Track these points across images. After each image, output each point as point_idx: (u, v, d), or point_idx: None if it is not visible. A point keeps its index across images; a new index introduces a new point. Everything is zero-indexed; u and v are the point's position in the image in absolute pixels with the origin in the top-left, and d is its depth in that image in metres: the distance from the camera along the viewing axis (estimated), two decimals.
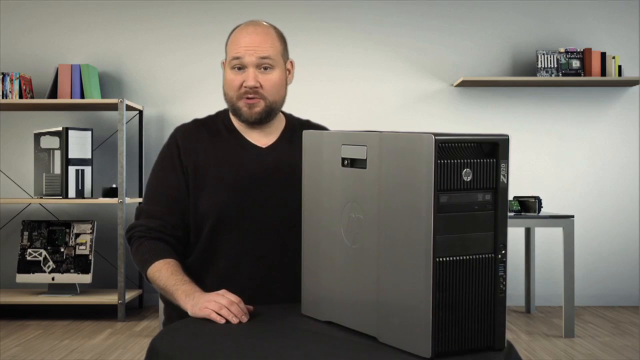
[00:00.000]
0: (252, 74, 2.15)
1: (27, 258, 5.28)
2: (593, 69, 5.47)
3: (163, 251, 2.11)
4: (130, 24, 5.73)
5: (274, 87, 2.18)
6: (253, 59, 2.15)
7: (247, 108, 2.17)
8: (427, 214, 1.46)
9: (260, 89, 2.16)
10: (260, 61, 2.15)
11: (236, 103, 2.19)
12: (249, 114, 2.18)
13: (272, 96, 2.18)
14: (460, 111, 5.70)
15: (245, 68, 2.16)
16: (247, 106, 2.17)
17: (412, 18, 5.71)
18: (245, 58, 2.15)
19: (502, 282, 1.54)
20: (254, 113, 2.18)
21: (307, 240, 1.83)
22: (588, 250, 5.69)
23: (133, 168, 5.66)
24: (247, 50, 2.15)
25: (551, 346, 4.40)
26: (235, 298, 1.86)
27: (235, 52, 2.16)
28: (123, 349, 4.31)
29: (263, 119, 2.20)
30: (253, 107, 2.17)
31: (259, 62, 2.15)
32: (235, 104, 2.19)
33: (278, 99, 2.21)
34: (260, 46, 2.16)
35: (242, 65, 2.16)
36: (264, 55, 2.15)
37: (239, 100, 2.18)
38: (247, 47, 2.15)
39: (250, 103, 2.17)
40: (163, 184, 2.19)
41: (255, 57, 2.14)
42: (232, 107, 2.21)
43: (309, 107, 5.50)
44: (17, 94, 5.36)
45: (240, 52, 2.15)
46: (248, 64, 2.15)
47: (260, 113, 2.18)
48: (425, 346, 1.47)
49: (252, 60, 2.14)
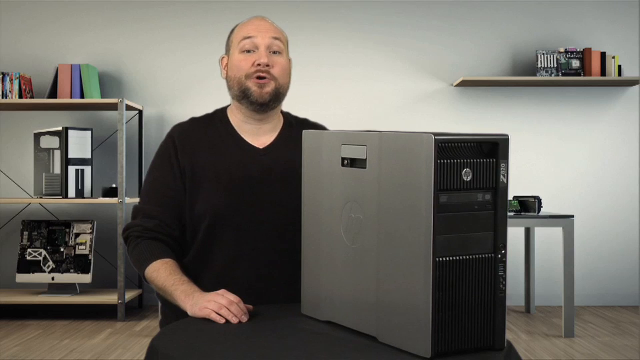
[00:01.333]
0: (264, 53, 2.14)
1: (27, 258, 5.28)
2: (593, 69, 5.47)
3: (161, 251, 2.11)
4: (130, 24, 5.73)
5: (284, 70, 2.18)
6: (266, 39, 2.15)
7: (258, 88, 2.14)
8: (427, 214, 1.46)
9: (272, 69, 2.14)
10: (272, 42, 2.15)
11: (245, 83, 2.15)
12: (260, 93, 2.14)
13: (282, 79, 2.17)
14: (460, 111, 5.70)
15: (256, 50, 2.14)
16: (258, 86, 2.14)
17: (412, 18, 5.71)
18: (258, 38, 2.14)
19: (502, 282, 1.54)
20: (265, 93, 2.15)
21: (307, 240, 1.83)
22: (588, 250, 5.69)
23: (133, 168, 5.66)
24: (259, 31, 2.15)
25: (551, 346, 4.40)
26: (235, 298, 1.86)
27: (247, 33, 2.15)
28: (123, 349, 4.31)
29: (272, 101, 2.17)
30: (264, 86, 2.14)
31: (271, 44, 2.15)
32: (244, 85, 2.15)
33: (285, 84, 2.19)
34: (272, 29, 2.17)
35: (253, 47, 2.14)
36: (276, 36, 2.16)
37: (249, 80, 2.15)
38: (259, 29, 2.16)
39: (262, 83, 2.14)
40: (160, 184, 2.18)
41: (268, 38, 2.15)
42: (240, 90, 2.17)
43: (309, 107, 5.51)
44: (17, 94, 5.36)
45: (252, 32, 2.15)
46: (260, 44, 2.14)
47: (270, 94, 2.15)
48: (425, 346, 1.47)
49: (265, 41, 2.15)
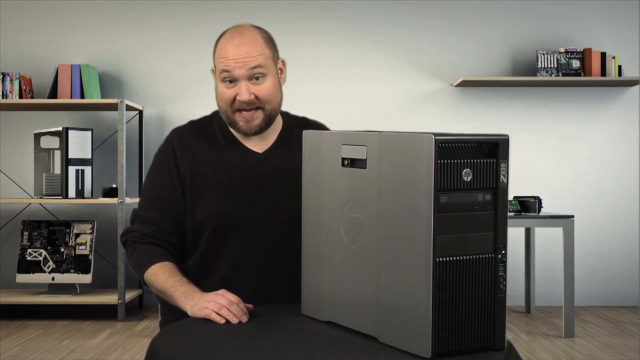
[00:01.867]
0: (244, 88, 2.08)
1: (27, 258, 5.28)
2: (593, 69, 5.46)
3: (159, 254, 2.10)
4: (130, 24, 5.72)
5: (269, 95, 2.12)
6: (243, 71, 2.07)
7: (245, 122, 2.12)
8: (427, 214, 1.46)
9: (256, 101, 2.10)
10: (251, 72, 2.08)
11: (231, 117, 2.13)
12: (248, 127, 2.13)
13: (269, 104, 2.12)
14: (460, 111, 5.69)
15: (236, 81, 2.09)
16: (244, 120, 2.12)
17: (412, 18, 5.71)
18: (236, 71, 2.07)
19: (502, 282, 1.54)
20: (253, 126, 2.13)
21: (307, 240, 1.83)
22: (588, 250, 5.69)
23: (133, 168, 5.66)
24: (236, 63, 2.07)
25: (551, 346, 4.40)
26: (235, 298, 1.86)
27: (224, 65, 2.08)
28: (123, 349, 4.31)
29: (263, 129, 2.15)
30: (251, 120, 2.12)
31: (250, 74, 2.08)
32: (230, 117, 2.13)
33: (275, 105, 2.15)
34: (249, 56, 2.07)
35: (232, 79, 2.09)
36: (254, 65, 2.07)
37: (234, 114, 2.12)
38: (236, 60, 2.07)
39: (247, 117, 2.11)
40: (159, 189, 2.17)
41: (245, 70, 2.07)
42: (228, 120, 2.15)
43: (309, 107, 5.50)
44: (17, 94, 5.36)
45: (229, 65, 2.07)
46: (239, 76, 2.07)
47: (259, 125, 2.13)
48: (425, 346, 1.47)
49: (242, 72, 2.07)
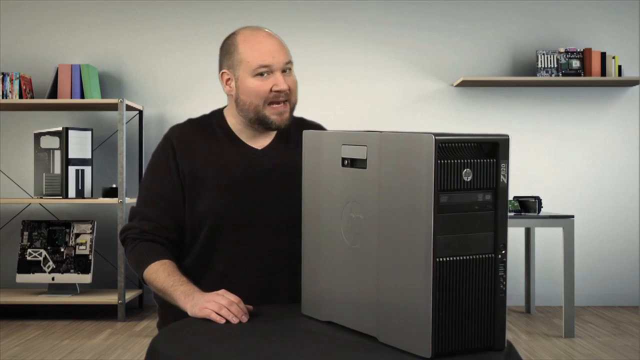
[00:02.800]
0: (281, 78, 2.12)
1: (27, 258, 5.28)
2: (593, 69, 5.46)
3: (158, 252, 2.10)
4: (130, 24, 5.73)
5: (296, 87, 2.18)
6: (280, 63, 2.12)
7: (277, 115, 2.13)
8: (427, 214, 1.46)
9: (288, 91, 2.14)
10: (284, 65, 2.13)
11: (262, 111, 2.13)
12: (280, 120, 2.14)
13: (295, 97, 2.18)
14: (460, 111, 5.70)
15: (270, 74, 2.12)
16: (277, 113, 2.13)
17: (412, 18, 5.71)
18: (274, 64, 2.11)
19: (502, 282, 1.54)
20: (284, 119, 2.15)
21: (307, 240, 1.83)
22: (588, 250, 5.69)
23: (133, 168, 5.66)
24: (274, 57, 2.11)
25: (551, 346, 4.40)
26: (235, 298, 1.86)
27: (263, 59, 2.11)
28: (123, 349, 4.31)
29: (290, 123, 2.18)
30: (283, 113, 2.14)
31: (284, 66, 2.13)
32: (261, 112, 2.13)
33: (296, 100, 2.20)
34: (283, 49, 2.14)
35: (270, 71, 2.12)
36: (287, 59, 2.14)
37: (266, 108, 2.13)
38: (273, 52, 2.12)
39: (280, 110, 2.13)
40: (157, 186, 2.17)
41: (282, 62, 2.12)
42: (257, 116, 2.14)
43: (309, 107, 5.49)
44: (17, 94, 5.36)
45: (268, 60, 2.11)
46: (277, 68, 2.12)
47: (289, 118, 2.16)
48: (425, 346, 1.47)
49: (279, 64, 2.12)
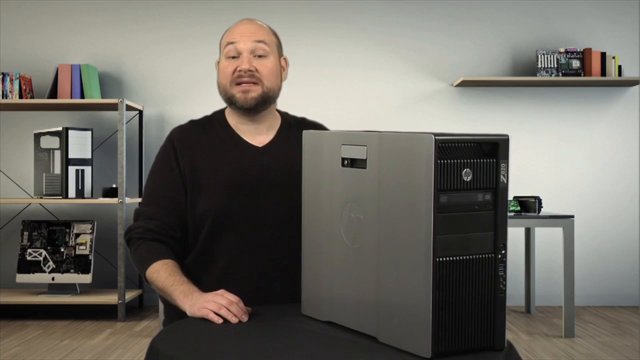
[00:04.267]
0: (246, 58, 2.14)
1: (27, 258, 5.28)
2: (593, 69, 5.46)
3: (161, 252, 2.11)
4: (130, 24, 5.72)
5: (270, 73, 2.16)
6: (248, 44, 2.14)
7: (242, 94, 2.15)
8: (427, 214, 1.46)
9: (256, 73, 2.14)
10: (255, 45, 2.14)
11: (229, 90, 2.16)
12: (244, 99, 2.15)
13: (269, 82, 2.16)
14: (460, 111, 5.70)
15: (239, 55, 2.15)
16: (242, 92, 2.15)
17: (412, 18, 5.71)
18: (240, 43, 2.14)
19: (502, 282, 1.54)
20: (250, 99, 2.15)
21: (307, 240, 1.83)
22: (588, 250, 5.69)
23: (133, 168, 5.66)
24: (242, 36, 2.15)
25: (551, 346, 4.40)
26: (235, 298, 1.86)
27: (230, 38, 2.16)
28: (123, 349, 4.31)
29: (259, 105, 2.17)
30: (248, 92, 2.15)
31: (254, 47, 2.14)
32: (228, 92, 2.17)
33: (274, 86, 2.18)
34: (254, 32, 2.16)
35: (236, 52, 2.15)
36: (259, 39, 2.15)
37: (233, 87, 2.16)
38: (242, 33, 2.16)
39: (245, 89, 2.14)
40: (160, 186, 2.19)
41: (250, 42, 2.14)
42: (226, 97, 2.18)
43: (309, 107, 5.50)
44: (17, 94, 5.36)
45: (235, 38, 2.15)
46: (242, 49, 2.14)
47: (256, 99, 2.15)
48: (425, 346, 1.47)
49: (246, 45, 2.14)
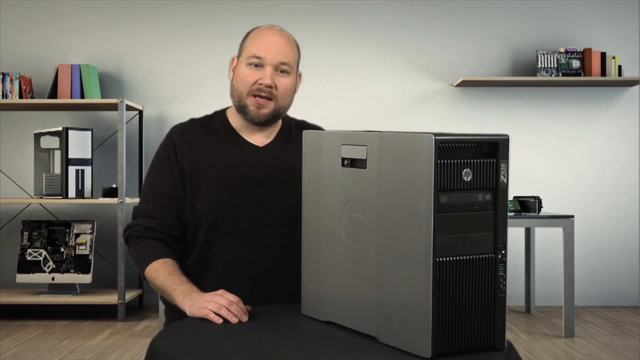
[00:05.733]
0: (269, 73, 2.13)
1: (27, 258, 5.28)
2: (593, 69, 5.46)
3: (160, 251, 2.10)
4: (130, 24, 5.72)
5: (287, 91, 2.18)
6: (274, 60, 2.14)
7: (256, 107, 2.15)
8: (427, 214, 1.46)
9: (274, 90, 2.15)
10: (279, 65, 2.14)
11: (244, 99, 2.16)
12: (256, 113, 2.16)
13: (283, 100, 2.17)
14: (460, 111, 5.69)
15: (262, 67, 2.14)
16: (256, 105, 2.15)
17: (412, 18, 5.71)
18: (267, 58, 2.13)
19: (502, 282, 1.54)
20: (262, 114, 2.16)
21: (307, 240, 1.83)
22: (588, 250, 5.69)
23: (133, 168, 5.66)
24: (268, 51, 2.14)
25: (551, 346, 4.40)
26: (234, 298, 1.86)
27: (257, 50, 2.14)
28: (123, 349, 4.31)
29: (269, 121, 2.19)
30: (262, 107, 2.16)
31: (278, 65, 2.14)
32: (243, 101, 2.17)
33: (286, 104, 2.20)
34: (282, 50, 2.15)
35: (260, 64, 2.14)
36: (284, 60, 2.15)
37: (249, 97, 2.16)
38: (269, 48, 2.14)
39: (261, 103, 2.15)
40: (160, 184, 2.18)
41: (276, 60, 2.14)
42: (239, 104, 2.18)
43: (309, 107, 5.50)
44: (17, 94, 5.36)
45: (261, 52, 2.14)
46: (267, 63, 2.14)
47: (267, 115, 2.17)
48: (425, 346, 1.47)
49: (272, 61, 2.14)
